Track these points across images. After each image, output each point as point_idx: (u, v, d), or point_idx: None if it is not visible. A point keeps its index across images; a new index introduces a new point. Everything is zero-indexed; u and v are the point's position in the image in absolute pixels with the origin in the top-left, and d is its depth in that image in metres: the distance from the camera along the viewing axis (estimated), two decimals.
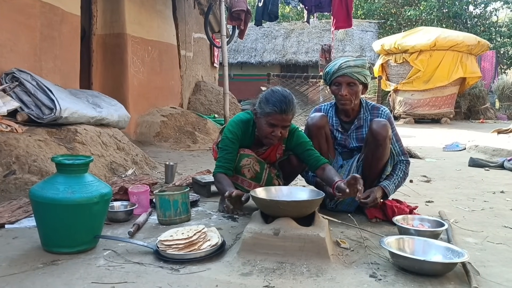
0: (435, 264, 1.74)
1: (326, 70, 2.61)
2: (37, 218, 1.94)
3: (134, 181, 3.09)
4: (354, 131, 2.65)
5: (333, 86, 2.59)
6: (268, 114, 2.37)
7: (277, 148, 2.63)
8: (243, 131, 2.53)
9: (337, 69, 2.51)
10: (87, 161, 2.00)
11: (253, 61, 19.35)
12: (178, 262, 1.81)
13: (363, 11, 22.88)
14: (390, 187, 2.50)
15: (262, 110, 2.40)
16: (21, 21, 3.84)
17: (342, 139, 2.68)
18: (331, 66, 2.57)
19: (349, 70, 2.49)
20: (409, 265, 1.75)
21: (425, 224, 2.27)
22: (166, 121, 6.40)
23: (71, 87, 4.42)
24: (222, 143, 2.51)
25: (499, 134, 6.40)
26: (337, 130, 2.68)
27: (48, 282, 1.62)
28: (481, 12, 21.39)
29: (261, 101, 2.43)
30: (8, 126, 3.15)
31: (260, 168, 2.56)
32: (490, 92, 14.73)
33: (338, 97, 2.56)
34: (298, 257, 1.80)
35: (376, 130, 2.41)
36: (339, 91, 2.54)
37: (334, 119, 2.69)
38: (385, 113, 2.63)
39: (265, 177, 2.58)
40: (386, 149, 2.45)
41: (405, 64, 11.26)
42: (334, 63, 2.56)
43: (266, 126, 2.40)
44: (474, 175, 4.20)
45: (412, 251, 1.87)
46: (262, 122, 2.42)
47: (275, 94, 2.41)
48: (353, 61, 2.51)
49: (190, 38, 8.55)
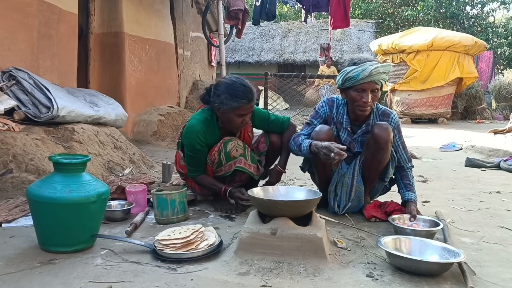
0: (432, 264, 1.75)
1: (349, 75, 2.38)
2: (34, 217, 1.94)
3: (131, 180, 3.09)
4: (360, 135, 2.57)
5: (353, 91, 2.41)
6: (237, 107, 2.48)
7: (246, 129, 2.77)
8: (205, 130, 2.59)
9: (366, 76, 2.33)
10: (84, 160, 2.00)
11: (251, 61, 19.34)
12: (175, 261, 1.81)
13: (361, 11, 22.90)
14: (416, 199, 2.54)
15: (229, 106, 2.47)
16: (18, 20, 3.83)
17: (347, 141, 2.58)
18: (357, 72, 2.35)
19: (378, 77, 2.36)
20: (406, 265, 1.75)
21: (420, 224, 2.28)
22: (163, 120, 6.40)
23: (69, 85, 4.41)
24: (192, 152, 2.60)
25: (496, 134, 6.42)
26: (345, 129, 2.58)
27: (45, 281, 1.62)
28: (478, 13, 21.46)
29: (224, 96, 2.48)
30: (5, 124, 3.14)
31: (243, 146, 2.67)
32: (487, 92, 14.77)
33: (360, 103, 2.41)
34: (295, 257, 1.81)
35: (378, 134, 2.37)
36: (362, 97, 2.38)
37: (345, 118, 2.57)
38: (395, 121, 2.54)
39: (249, 155, 2.67)
40: (387, 153, 2.43)
41: (402, 64, 11.27)
42: (361, 68, 2.34)
43: (236, 117, 2.52)
44: (471, 175, 4.22)
45: (409, 251, 1.88)
46: (230, 115, 2.51)
47: (236, 87, 2.49)
48: (382, 67, 2.35)
49: (187, 37, 8.55)
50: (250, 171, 2.65)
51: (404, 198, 2.55)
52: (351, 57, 2.47)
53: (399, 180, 2.61)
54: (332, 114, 2.61)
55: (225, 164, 2.61)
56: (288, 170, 2.94)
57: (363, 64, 2.36)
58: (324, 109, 2.63)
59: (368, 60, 2.39)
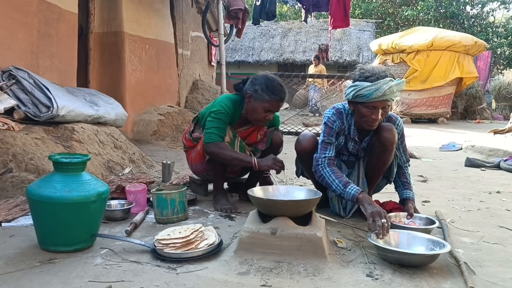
0: (418, 256, 1.83)
1: (362, 93, 2.28)
2: (34, 216, 1.93)
3: (131, 179, 3.08)
4: (367, 141, 2.55)
5: (364, 108, 2.33)
6: (267, 101, 2.56)
7: (259, 129, 2.82)
8: (233, 109, 2.66)
9: (380, 96, 2.25)
10: (84, 160, 1.99)
11: (251, 60, 19.34)
12: (175, 261, 1.81)
13: (361, 11, 22.91)
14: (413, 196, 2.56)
15: (260, 96, 2.56)
16: (18, 19, 3.83)
17: (354, 149, 2.57)
18: (371, 91, 2.26)
19: (390, 96, 2.28)
20: (392, 257, 1.83)
21: (417, 222, 2.32)
22: (163, 120, 6.40)
23: (68, 85, 4.41)
24: (217, 115, 2.60)
25: (496, 134, 6.42)
26: (353, 139, 2.54)
27: (45, 281, 1.62)
28: (478, 13, 21.47)
29: (260, 87, 2.56)
30: (5, 124, 3.14)
31: (233, 136, 2.68)
32: (487, 92, 14.77)
33: (369, 119, 2.34)
34: (295, 257, 1.81)
35: (385, 136, 2.38)
36: (372, 114, 2.32)
37: (353, 128, 2.50)
38: (400, 127, 2.54)
39: (237, 145, 2.69)
40: (392, 154, 2.45)
41: (402, 64, 11.27)
42: (375, 87, 2.25)
43: (262, 110, 2.59)
44: (471, 175, 4.22)
45: (397, 244, 1.96)
46: (258, 106, 2.58)
47: (274, 83, 2.58)
48: (396, 86, 2.27)
49: (187, 37, 8.54)
50: None
51: (402, 197, 2.57)
52: (362, 69, 2.35)
53: (397, 178, 2.63)
54: (343, 126, 2.52)
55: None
56: (288, 169, 2.94)
57: (377, 83, 2.25)
58: (337, 124, 2.50)
59: (381, 77, 2.27)
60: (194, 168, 2.93)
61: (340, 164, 2.60)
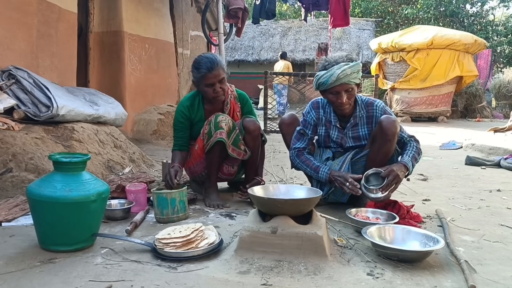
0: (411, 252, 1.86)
1: (320, 81, 2.47)
2: (34, 216, 1.93)
3: (131, 179, 3.08)
4: (350, 129, 2.63)
5: (329, 94, 2.50)
6: (202, 77, 2.70)
7: (234, 108, 2.94)
8: (190, 105, 2.85)
9: (334, 80, 2.40)
10: (84, 159, 1.99)
11: (250, 59, 19.35)
12: (175, 260, 1.81)
13: (361, 10, 22.90)
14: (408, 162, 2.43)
15: (196, 78, 2.75)
16: (17, 19, 3.82)
17: (338, 138, 2.66)
18: (326, 77, 2.42)
19: (347, 79, 2.40)
20: (387, 253, 1.86)
21: (378, 217, 2.35)
22: (163, 119, 6.39)
23: (68, 84, 4.41)
24: (174, 125, 2.89)
25: (496, 132, 6.42)
26: (335, 126, 2.65)
27: (45, 281, 1.62)
28: (478, 11, 21.47)
29: (192, 70, 2.77)
30: (5, 123, 3.13)
31: (233, 125, 2.77)
32: (487, 90, 14.76)
33: (337, 104, 2.51)
34: (296, 255, 1.81)
35: (386, 126, 2.42)
36: (338, 99, 2.48)
37: (333, 115, 2.65)
38: (380, 107, 2.61)
39: (233, 136, 2.74)
40: (393, 144, 2.50)
41: (402, 63, 11.26)
42: (329, 73, 2.41)
43: (206, 88, 2.73)
44: (471, 174, 4.22)
45: (392, 239, 1.99)
46: (202, 86, 2.75)
47: (198, 59, 2.76)
48: (349, 69, 2.39)
49: (187, 36, 8.53)
50: (226, 140, 2.68)
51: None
52: (324, 60, 2.52)
53: (401, 152, 2.59)
54: (319, 115, 2.69)
55: (213, 133, 2.69)
56: (288, 169, 2.93)
57: (331, 69, 2.42)
58: (311, 115, 2.71)
59: (337, 62, 2.43)
60: (192, 170, 2.95)
61: (324, 149, 2.74)
